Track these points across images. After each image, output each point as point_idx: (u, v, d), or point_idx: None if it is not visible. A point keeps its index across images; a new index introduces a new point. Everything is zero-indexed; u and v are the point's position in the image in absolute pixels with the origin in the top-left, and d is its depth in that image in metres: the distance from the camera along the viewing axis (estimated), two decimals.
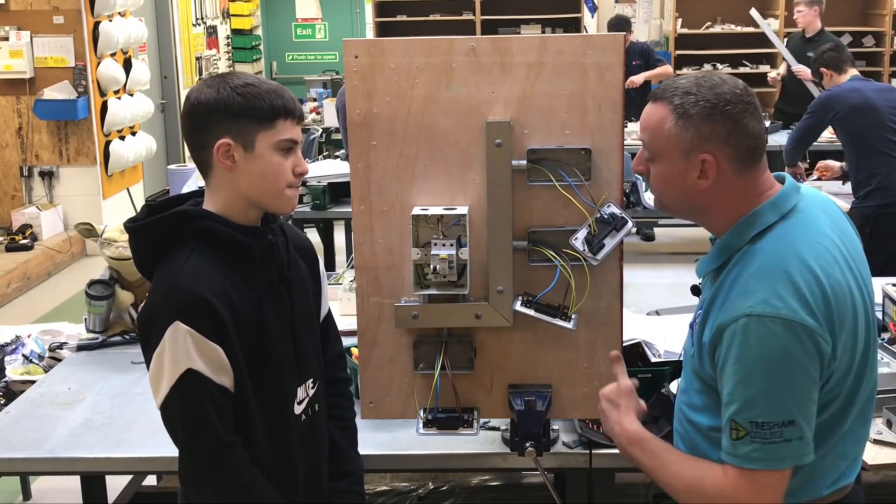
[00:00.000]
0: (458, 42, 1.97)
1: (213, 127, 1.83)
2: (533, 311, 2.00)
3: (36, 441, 2.47)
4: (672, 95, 1.73)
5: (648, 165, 1.79)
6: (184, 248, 1.84)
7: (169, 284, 1.81)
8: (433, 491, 3.64)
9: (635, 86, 7.33)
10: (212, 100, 1.83)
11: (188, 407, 1.79)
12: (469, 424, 2.08)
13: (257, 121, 1.84)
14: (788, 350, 1.59)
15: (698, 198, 1.75)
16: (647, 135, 1.77)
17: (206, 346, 1.78)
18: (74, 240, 7.44)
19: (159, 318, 1.78)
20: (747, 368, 1.61)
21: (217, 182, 1.88)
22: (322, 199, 5.21)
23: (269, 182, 1.87)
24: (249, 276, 1.88)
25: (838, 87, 5.01)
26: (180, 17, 9.66)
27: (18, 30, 7.34)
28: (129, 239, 1.94)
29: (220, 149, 1.84)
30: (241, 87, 1.83)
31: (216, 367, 1.80)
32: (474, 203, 2.00)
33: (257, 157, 1.85)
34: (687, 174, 1.72)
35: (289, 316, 1.95)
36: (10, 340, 3.25)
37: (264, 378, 1.88)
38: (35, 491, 3.76)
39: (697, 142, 1.70)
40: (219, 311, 1.79)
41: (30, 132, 7.50)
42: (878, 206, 4.76)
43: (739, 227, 1.73)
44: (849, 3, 9.54)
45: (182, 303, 1.77)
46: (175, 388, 1.78)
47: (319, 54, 11.93)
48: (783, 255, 1.65)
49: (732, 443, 1.63)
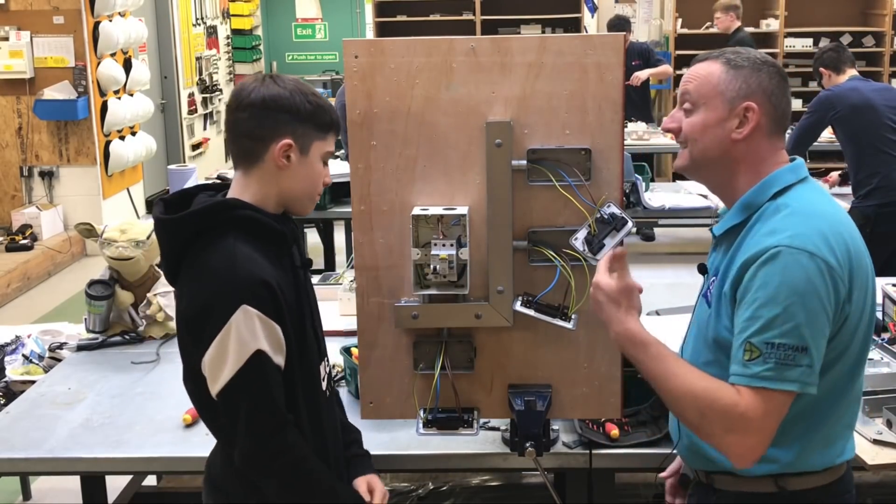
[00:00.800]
0: (458, 42, 1.97)
1: (281, 125, 1.93)
2: (533, 311, 2.00)
3: (36, 441, 2.47)
4: (720, 55, 1.85)
5: (681, 121, 1.87)
6: (225, 237, 1.89)
7: (226, 271, 1.85)
8: (433, 491, 3.64)
9: (639, 82, 7.33)
10: (284, 99, 1.92)
11: (257, 387, 1.85)
12: (469, 424, 2.08)
13: (317, 129, 1.98)
14: (811, 281, 1.66)
15: (732, 148, 1.83)
16: (693, 84, 1.86)
17: (271, 326, 1.86)
18: (74, 240, 7.45)
19: (222, 304, 1.83)
20: (771, 292, 1.67)
21: (261, 175, 1.96)
22: (322, 199, 5.22)
23: (309, 186, 2.00)
24: (283, 260, 1.98)
25: (838, 87, 5.01)
26: (180, 17, 9.66)
27: (18, 30, 7.34)
28: (158, 231, 1.97)
29: (282, 147, 1.93)
30: (311, 94, 1.97)
31: (276, 347, 1.88)
32: (474, 203, 2.00)
33: (308, 162, 1.97)
34: (727, 122, 1.82)
35: (312, 297, 2.09)
36: (10, 340, 3.25)
37: (303, 357, 1.98)
38: (35, 491, 3.76)
39: (745, 91, 1.81)
40: (277, 293, 1.88)
41: (30, 132, 7.50)
42: (878, 206, 4.77)
43: (762, 185, 1.82)
44: (849, 3, 9.54)
45: (246, 286, 1.84)
46: (244, 369, 1.83)
47: (319, 54, 11.93)
48: (807, 207, 1.76)
49: (745, 363, 1.68)
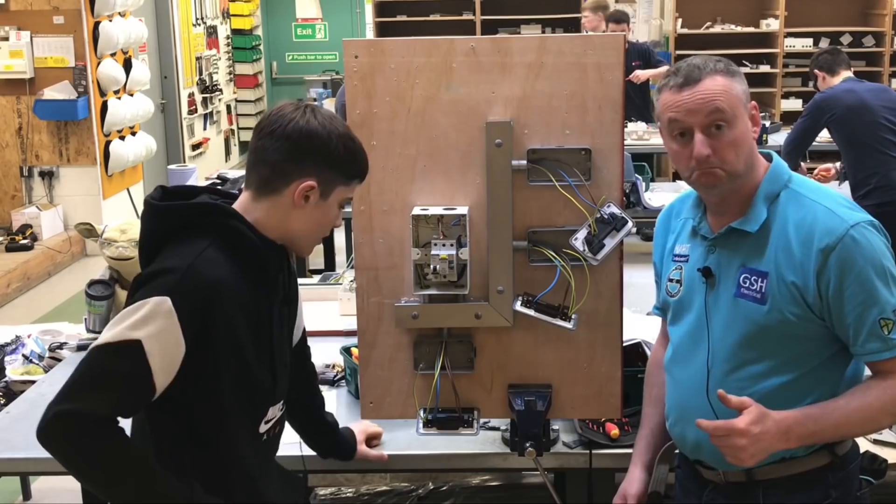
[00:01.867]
0: (458, 42, 1.97)
1: (308, 163, 1.80)
2: (533, 311, 2.00)
3: (36, 441, 2.46)
4: (715, 65, 1.86)
5: (715, 146, 1.83)
6: (203, 237, 1.78)
7: (182, 261, 1.73)
8: (433, 491, 3.64)
9: (639, 80, 7.30)
10: (320, 139, 1.80)
11: (109, 369, 1.68)
12: (469, 424, 2.08)
13: (345, 177, 1.85)
14: (888, 246, 1.82)
15: (754, 147, 1.90)
16: (722, 102, 1.83)
17: (175, 338, 1.69)
18: (74, 240, 7.44)
19: (157, 283, 1.71)
20: (877, 268, 1.78)
21: (273, 206, 1.83)
22: None
23: (319, 230, 1.89)
24: (259, 287, 1.83)
25: (832, 89, 5.02)
26: (180, 17, 9.65)
27: (18, 30, 7.33)
28: (145, 214, 1.86)
29: (304, 188, 1.81)
30: (347, 138, 1.83)
31: (165, 362, 1.69)
32: (474, 203, 2.00)
33: (325, 206, 1.85)
34: (748, 126, 1.88)
35: (282, 337, 1.93)
36: (10, 340, 3.25)
37: (240, 391, 1.82)
38: (35, 491, 3.75)
39: (747, 92, 1.89)
40: (213, 314, 1.73)
41: (30, 132, 7.50)
42: (876, 206, 4.76)
43: (773, 174, 1.90)
44: (849, 3, 9.53)
45: (184, 286, 1.71)
46: (115, 345, 1.67)
47: (319, 54, 11.92)
48: (823, 189, 1.90)
49: (887, 338, 1.78)
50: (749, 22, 9.55)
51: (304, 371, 2.18)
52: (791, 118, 8.33)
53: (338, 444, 2.28)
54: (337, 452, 2.29)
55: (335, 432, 2.28)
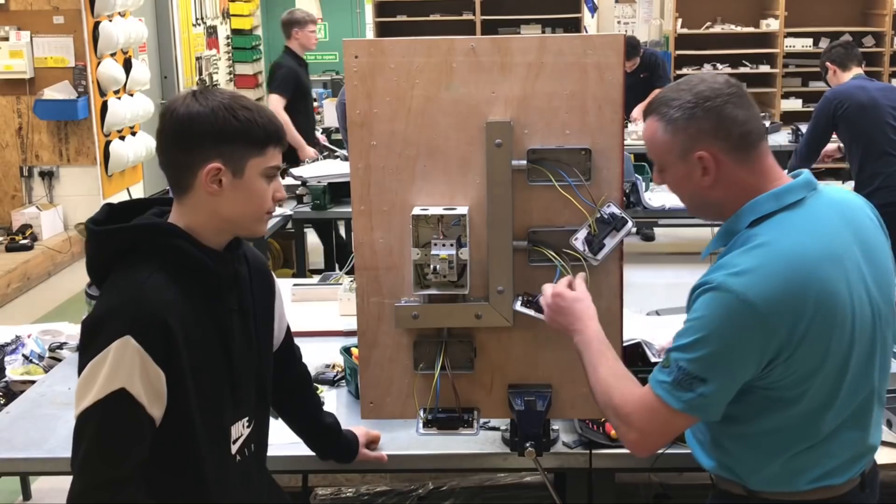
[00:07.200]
0: (458, 42, 1.97)
1: (204, 149, 1.74)
2: (533, 311, 2.00)
3: (36, 441, 2.47)
4: (658, 107, 1.82)
5: (662, 177, 1.87)
6: (148, 261, 1.73)
7: (128, 295, 1.69)
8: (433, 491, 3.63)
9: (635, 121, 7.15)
10: (205, 119, 1.73)
11: (107, 428, 1.67)
12: (469, 424, 2.08)
13: (251, 146, 1.76)
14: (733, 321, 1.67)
15: (708, 195, 1.82)
16: (648, 150, 1.86)
17: (152, 369, 1.67)
18: (74, 240, 7.44)
19: (111, 327, 1.66)
20: (696, 320, 1.72)
21: (195, 203, 1.78)
22: (322, 199, 5.21)
23: (252, 208, 1.80)
24: (210, 303, 1.79)
25: (844, 85, 4.99)
26: (180, 17, 9.66)
27: (18, 30, 7.34)
28: (86, 240, 1.82)
29: (209, 173, 1.74)
30: (240, 108, 1.75)
31: (153, 395, 1.69)
32: (474, 203, 2.00)
33: (244, 183, 1.77)
34: (691, 175, 1.80)
35: (242, 348, 1.87)
36: (10, 340, 3.25)
37: (204, 412, 1.78)
38: (35, 491, 3.75)
39: (688, 143, 1.78)
40: (175, 336, 1.69)
41: (30, 132, 7.50)
42: (880, 206, 4.74)
43: (739, 214, 1.80)
44: (849, 3, 9.53)
45: (139, 318, 1.67)
46: (102, 402, 1.65)
47: (319, 54, 11.89)
48: (773, 243, 1.72)
49: (660, 368, 1.76)
50: (749, 22, 9.55)
51: (291, 373, 2.17)
52: (791, 118, 8.36)
53: (338, 446, 2.28)
54: (336, 454, 2.29)
55: (334, 434, 2.27)
